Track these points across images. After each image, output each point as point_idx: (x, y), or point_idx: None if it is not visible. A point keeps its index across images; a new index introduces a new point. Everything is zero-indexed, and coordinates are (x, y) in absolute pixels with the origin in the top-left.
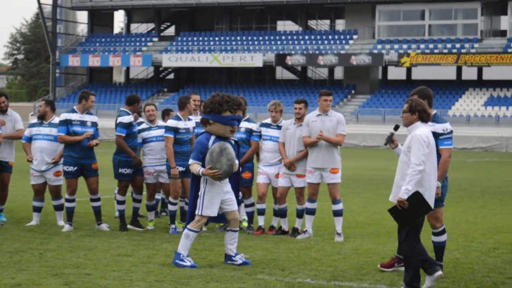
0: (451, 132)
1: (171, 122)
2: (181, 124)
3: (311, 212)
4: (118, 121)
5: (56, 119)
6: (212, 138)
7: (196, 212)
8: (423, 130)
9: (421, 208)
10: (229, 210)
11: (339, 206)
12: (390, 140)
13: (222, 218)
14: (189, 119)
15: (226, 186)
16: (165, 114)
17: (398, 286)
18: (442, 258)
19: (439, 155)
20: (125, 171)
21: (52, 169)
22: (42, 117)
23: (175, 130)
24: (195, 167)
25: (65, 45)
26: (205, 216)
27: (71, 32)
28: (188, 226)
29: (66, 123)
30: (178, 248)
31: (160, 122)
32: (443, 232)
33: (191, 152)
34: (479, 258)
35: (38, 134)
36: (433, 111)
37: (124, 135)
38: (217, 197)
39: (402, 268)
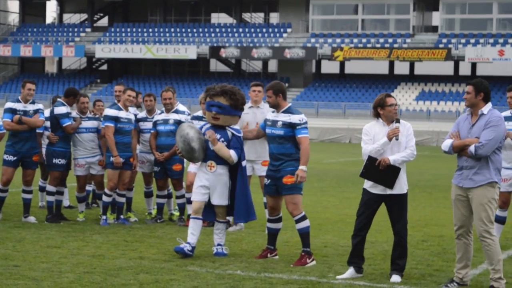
0: (306, 122)
1: (111, 112)
2: (122, 114)
3: None
4: (55, 113)
5: None
6: (205, 125)
7: None
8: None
9: (385, 180)
10: (215, 203)
11: None
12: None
13: (209, 216)
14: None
15: (216, 177)
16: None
17: (328, 278)
18: (307, 245)
19: (296, 144)
20: (59, 161)
21: None
22: None
23: (116, 120)
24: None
25: None
26: (195, 201)
27: (2, 22)
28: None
29: (11, 111)
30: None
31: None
32: (302, 219)
33: (132, 144)
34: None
35: None
36: (288, 104)
37: (70, 123)
38: (199, 183)
39: (276, 257)
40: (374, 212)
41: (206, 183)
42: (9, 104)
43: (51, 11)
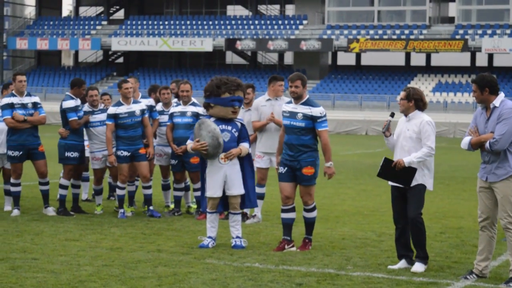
0: (325, 115)
1: (110, 109)
2: (122, 109)
3: (260, 197)
4: (63, 107)
5: None
6: (212, 119)
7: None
8: (428, 117)
9: (403, 179)
10: (229, 194)
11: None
12: (388, 128)
13: (222, 207)
14: (137, 102)
15: (230, 168)
16: (152, 92)
17: (346, 270)
18: (311, 233)
19: (315, 135)
20: (72, 154)
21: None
22: None
23: (114, 117)
24: (188, 146)
25: (12, 28)
26: (210, 197)
27: (19, 15)
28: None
29: (10, 106)
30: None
31: (104, 106)
32: (314, 209)
33: (141, 136)
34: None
35: None
36: (307, 96)
37: (76, 118)
38: (216, 178)
39: (293, 249)
40: (401, 203)
41: (221, 177)
42: (5, 100)
43: (67, 4)
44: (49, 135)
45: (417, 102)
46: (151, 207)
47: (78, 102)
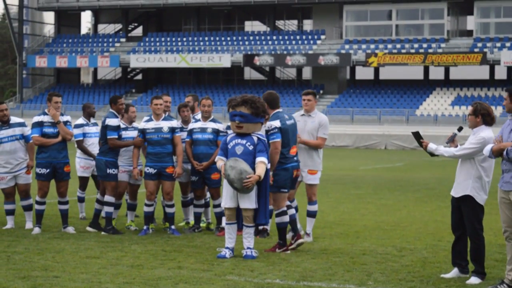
0: (275, 128)
1: (140, 124)
2: (150, 125)
3: (312, 214)
4: (105, 123)
5: (13, 119)
6: (231, 135)
7: None
8: (488, 133)
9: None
10: (241, 206)
11: (315, 207)
12: (452, 140)
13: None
14: (168, 119)
15: None
16: (112, 103)
17: (367, 286)
18: (284, 238)
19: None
20: (114, 171)
21: (22, 168)
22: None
23: (142, 132)
24: (218, 163)
25: (32, 46)
26: (225, 208)
27: (38, 33)
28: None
29: (39, 124)
30: None
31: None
32: (283, 213)
33: (171, 153)
34: (447, 257)
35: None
36: (274, 111)
37: (116, 137)
38: (229, 189)
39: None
40: (456, 212)
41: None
42: (36, 118)
43: (86, 22)
44: (70, 152)
45: (484, 117)
46: (172, 226)
47: (120, 121)
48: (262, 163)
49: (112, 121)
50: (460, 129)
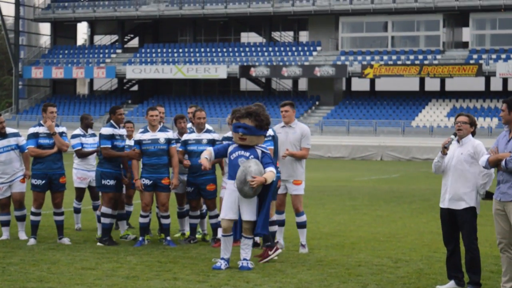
0: (269, 136)
1: (135, 135)
2: (146, 136)
3: (281, 223)
4: (100, 132)
5: (8, 130)
6: (233, 145)
7: None
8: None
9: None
10: (243, 218)
11: (302, 218)
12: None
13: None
14: (164, 130)
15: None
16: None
17: None
18: (270, 240)
19: None
20: (108, 182)
21: (17, 178)
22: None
23: (138, 143)
24: (205, 153)
25: (28, 57)
26: (222, 219)
27: (34, 44)
28: None
29: (34, 136)
30: None
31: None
32: (271, 223)
33: (167, 164)
34: (442, 268)
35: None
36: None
37: (109, 146)
38: (229, 201)
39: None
40: (450, 225)
41: (234, 200)
42: (32, 129)
43: (82, 33)
44: (66, 163)
45: (475, 128)
46: (168, 238)
47: (116, 130)
48: (271, 172)
49: (105, 130)
50: (455, 134)
